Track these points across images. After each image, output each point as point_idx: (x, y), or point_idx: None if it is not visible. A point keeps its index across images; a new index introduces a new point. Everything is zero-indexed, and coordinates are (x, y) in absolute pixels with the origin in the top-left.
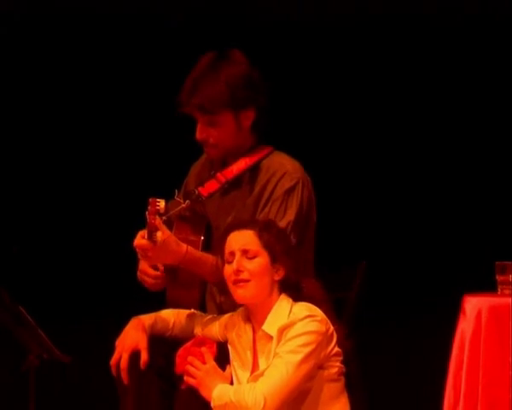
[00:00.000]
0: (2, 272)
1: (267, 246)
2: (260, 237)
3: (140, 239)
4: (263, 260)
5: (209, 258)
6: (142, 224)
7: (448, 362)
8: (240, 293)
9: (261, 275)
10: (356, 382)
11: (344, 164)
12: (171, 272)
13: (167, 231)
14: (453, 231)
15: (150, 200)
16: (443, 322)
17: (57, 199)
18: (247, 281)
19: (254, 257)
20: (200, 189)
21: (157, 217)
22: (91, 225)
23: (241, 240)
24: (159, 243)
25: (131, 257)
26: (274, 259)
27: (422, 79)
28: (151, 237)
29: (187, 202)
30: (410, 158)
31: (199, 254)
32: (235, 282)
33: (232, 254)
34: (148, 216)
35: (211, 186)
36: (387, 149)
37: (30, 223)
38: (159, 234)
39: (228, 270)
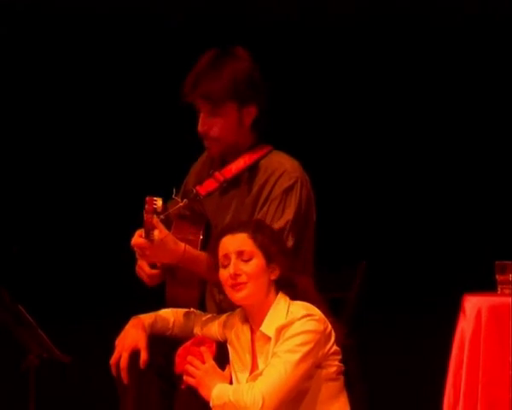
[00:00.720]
0: (2, 272)
1: (261, 246)
2: (254, 238)
3: (137, 238)
4: (258, 261)
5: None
6: (141, 223)
7: (448, 361)
8: (238, 296)
9: (258, 276)
10: (355, 381)
11: (343, 164)
12: (170, 270)
13: (165, 230)
14: (453, 230)
15: (147, 198)
16: (443, 322)
17: (57, 199)
18: (245, 284)
19: (250, 259)
20: (198, 188)
21: (154, 215)
22: (91, 224)
23: (235, 242)
24: (156, 242)
25: (131, 257)
26: (269, 259)
27: (422, 79)
28: (148, 235)
29: (184, 200)
30: (410, 158)
31: (197, 253)
32: (233, 286)
33: (227, 257)
34: (145, 215)
35: (209, 185)
36: (387, 149)
37: (30, 223)
38: (156, 233)
39: (224, 274)
